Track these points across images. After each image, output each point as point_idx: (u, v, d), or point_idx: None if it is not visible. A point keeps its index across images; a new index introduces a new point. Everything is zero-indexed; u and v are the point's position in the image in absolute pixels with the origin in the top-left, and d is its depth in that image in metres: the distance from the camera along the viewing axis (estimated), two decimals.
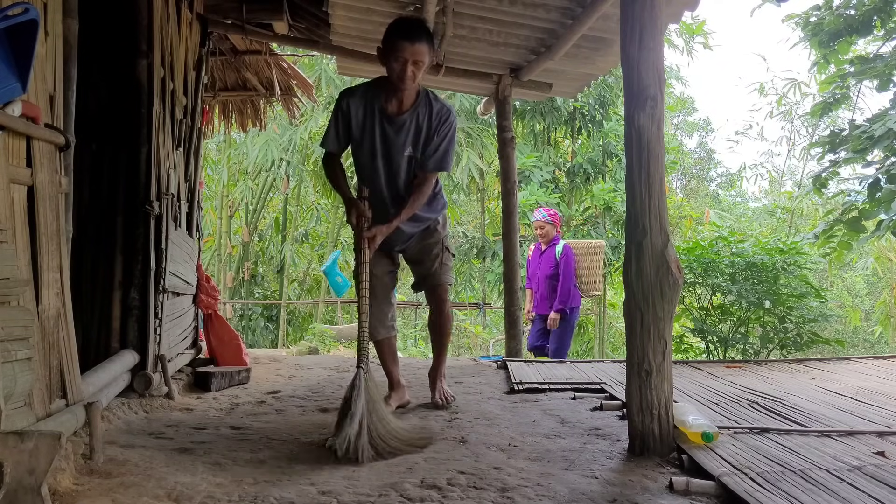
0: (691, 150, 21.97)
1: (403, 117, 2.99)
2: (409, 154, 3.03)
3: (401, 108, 3.00)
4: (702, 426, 2.30)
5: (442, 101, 3.08)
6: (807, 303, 5.85)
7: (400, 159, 3.04)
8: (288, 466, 2.22)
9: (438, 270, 3.30)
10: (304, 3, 4.77)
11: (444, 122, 3.01)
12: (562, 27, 4.24)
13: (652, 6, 2.30)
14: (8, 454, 1.58)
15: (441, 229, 3.34)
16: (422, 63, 2.87)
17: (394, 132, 3.00)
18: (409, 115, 2.99)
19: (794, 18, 7.89)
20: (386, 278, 3.29)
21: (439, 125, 3.00)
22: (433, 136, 3.00)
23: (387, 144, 3.02)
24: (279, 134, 12.90)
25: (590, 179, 12.75)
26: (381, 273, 3.23)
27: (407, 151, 3.03)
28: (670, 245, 2.29)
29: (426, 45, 2.87)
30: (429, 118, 2.99)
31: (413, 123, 3.00)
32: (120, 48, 3.33)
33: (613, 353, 13.64)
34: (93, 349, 3.15)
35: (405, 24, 2.94)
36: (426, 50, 2.87)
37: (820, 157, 7.56)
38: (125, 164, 3.29)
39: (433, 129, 3.00)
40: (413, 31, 2.86)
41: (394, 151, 3.02)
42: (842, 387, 3.61)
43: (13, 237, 1.99)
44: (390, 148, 3.02)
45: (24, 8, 1.90)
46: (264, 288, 14.78)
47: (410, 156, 3.04)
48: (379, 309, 3.21)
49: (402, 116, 2.99)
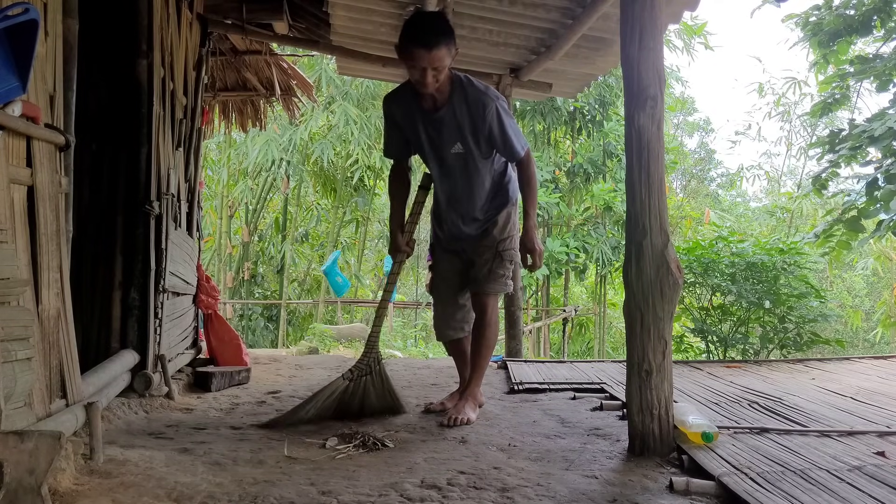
0: (691, 150, 21.98)
1: (440, 114, 2.80)
2: (457, 151, 2.83)
3: (436, 105, 2.80)
4: (702, 426, 2.30)
5: (476, 85, 2.81)
6: (807, 303, 5.85)
7: (449, 158, 2.85)
8: (288, 466, 2.22)
9: (486, 277, 2.99)
10: (304, 3, 4.77)
11: (485, 110, 2.75)
12: (562, 27, 4.24)
13: (652, 6, 2.30)
14: (8, 454, 1.58)
15: (497, 232, 3.02)
16: (442, 67, 2.65)
17: (435, 130, 2.83)
18: (446, 111, 2.79)
19: (794, 18, 7.89)
20: (453, 278, 3.11)
21: (482, 117, 2.76)
22: (483, 128, 2.78)
23: (433, 144, 2.86)
24: (279, 134, 12.91)
25: (590, 179, 12.76)
26: (445, 271, 3.11)
27: (454, 148, 2.82)
28: (670, 245, 2.29)
29: (444, 49, 2.63)
30: (468, 110, 2.76)
31: (453, 118, 2.79)
32: (120, 48, 3.32)
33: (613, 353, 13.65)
34: (93, 349, 3.15)
35: (420, 26, 2.67)
36: (445, 53, 2.63)
37: (819, 158, 7.56)
38: (125, 164, 3.29)
39: (477, 122, 2.77)
40: (429, 35, 2.62)
41: (441, 151, 2.85)
42: (842, 387, 3.61)
43: (13, 237, 1.99)
44: (437, 148, 2.85)
45: (24, 8, 1.90)
46: (264, 288, 14.79)
47: (460, 153, 2.83)
48: (443, 310, 3.11)
49: (440, 113, 2.80)
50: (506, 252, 3.01)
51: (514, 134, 2.82)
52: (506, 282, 3.02)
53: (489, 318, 3.00)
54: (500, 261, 3.00)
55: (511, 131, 2.80)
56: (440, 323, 3.13)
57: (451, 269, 3.11)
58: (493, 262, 2.99)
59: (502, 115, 2.78)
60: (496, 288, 3.00)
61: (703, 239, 6.79)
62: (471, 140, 2.80)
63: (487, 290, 2.99)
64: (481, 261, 3.01)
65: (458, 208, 2.99)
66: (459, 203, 2.97)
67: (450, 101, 2.78)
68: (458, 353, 3.19)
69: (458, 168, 2.87)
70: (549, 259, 12.03)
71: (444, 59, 2.65)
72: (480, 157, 2.85)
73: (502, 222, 3.02)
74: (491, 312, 3.00)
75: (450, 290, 3.11)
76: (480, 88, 2.80)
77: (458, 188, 2.93)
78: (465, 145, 2.81)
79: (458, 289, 3.11)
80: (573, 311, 11.90)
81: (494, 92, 2.83)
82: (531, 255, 2.92)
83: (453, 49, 2.69)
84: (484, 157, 2.86)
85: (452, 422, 2.85)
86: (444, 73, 2.68)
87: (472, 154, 2.83)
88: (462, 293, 3.11)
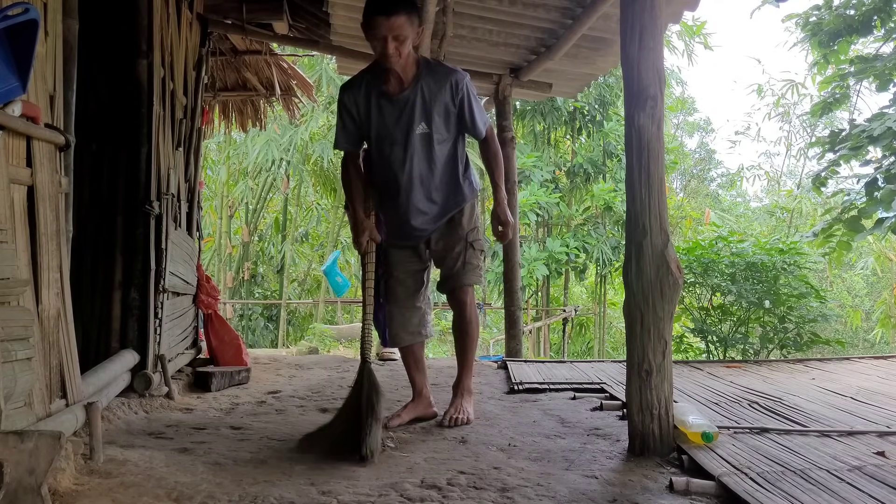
0: (691, 150, 21.99)
1: (406, 94, 2.75)
2: (422, 131, 2.77)
3: (402, 86, 2.76)
4: (702, 426, 2.30)
5: (444, 66, 2.84)
6: (807, 303, 5.85)
7: (413, 139, 2.78)
8: (288, 466, 2.22)
9: (461, 270, 2.93)
10: (304, 3, 4.77)
11: (457, 85, 2.76)
12: (562, 27, 4.24)
13: (652, 6, 2.30)
14: (8, 454, 1.58)
15: (465, 222, 2.96)
16: (403, 36, 2.61)
17: (398, 112, 2.77)
18: (411, 91, 2.75)
19: (794, 18, 7.90)
20: (409, 280, 2.99)
21: (454, 92, 2.76)
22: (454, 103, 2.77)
23: (394, 127, 2.80)
24: (279, 134, 12.91)
25: (590, 179, 12.76)
26: (401, 274, 2.98)
27: (419, 129, 2.77)
28: (670, 245, 2.29)
29: (404, 16, 2.60)
30: (437, 87, 2.75)
31: (419, 98, 2.75)
32: (120, 48, 3.32)
33: (613, 353, 13.65)
34: (93, 349, 3.15)
35: None
36: (404, 21, 2.60)
37: (819, 157, 7.57)
38: (125, 164, 3.29)
39: (446, 98, 2.75)
40: (387, 3, 2.60)
41: (404, 133, 2.78)
42: (842, 387, 3.61)
43: (13, 237, 1.99)
44: (399, 130, 2.79)
45: (24, 8, 1.90)
46: (264, 288, 14.80)
47: (425, 132, 2.77)
48: (401, 314, 2.97)
49: (405, 93, 2.75)
50: (476, 242, 2.97)
51: (479, 111, 2.86)
52: (480, 272, 2.99)
53: (469, 314, 2.95)
54: (472, 251, 2.95)
55: (477, 109, 2.84)
56: (398, 329, 2.97)
57: (407, 270, 2.99)
58: (466, 252, 2.94)
59: (471, 93, 2.81)
60: (473, 279, 2.95)
61: (703, 239, 6.79)
62: (437, 119, 2.77)
63: (465, 281, 2.93)
64: (453, 254, 2.94)
65: (423, 196, 2.87)
66: (422, 185, 2.85)
67: (416, 81, 2.75)
68: (415, 359, 3.03)
69: (424, 150, 2.80)
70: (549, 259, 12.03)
71: (404, 28, 2.61)
72: (444, 137, 2.82)
73: (468, 213, 2.97)
74: (470, 306, 2.96)
75: (406, 293, 2.99)
76: (449, 67, 2.84)
77: (422, 172, 2.83)
78: (429, 125, 2.77)
79: (415, 291, 3.01)
80: (573, 311, 11.90)
81: (462, 70, 2.85)
82: (503, 227, 2.90)
83: (416, 21, 2.67)
84: (446, 138, 2.83)
85: (453, 422, 2.82)
86: (406, 45, 2.65)
87: (435, 134, 2.80)
88: (418, 296, 3.01)
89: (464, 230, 2.95)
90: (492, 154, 2.93)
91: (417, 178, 2.82)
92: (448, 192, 2.90)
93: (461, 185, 2.92)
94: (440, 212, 2.91)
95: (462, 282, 2.94)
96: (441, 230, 2.95)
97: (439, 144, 2.82)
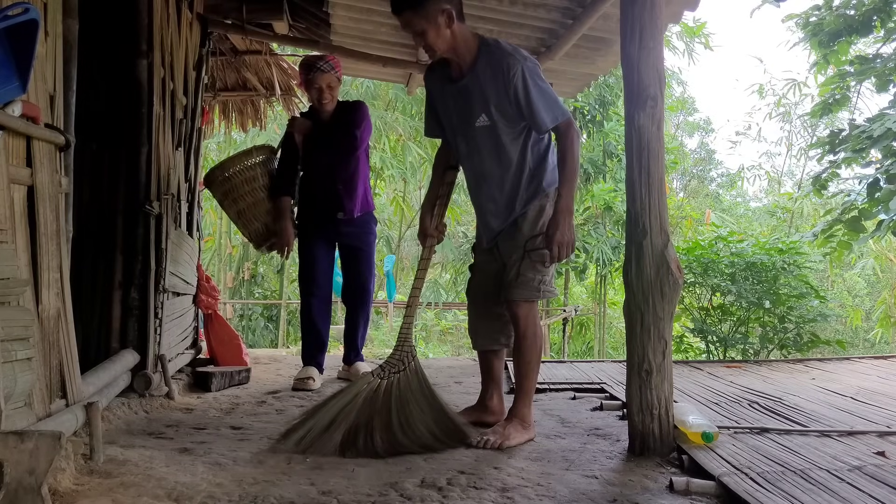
0: (692, 150, 21.98)
1: (464, 81, 2.54)
2: (483, 123, 2.54)
3: (461, 72, 2.56)
4: (702, 426, 2.30)
5: (503, 46, 2.54)
6: (807, 303, 5.85)
7: (472, 132, 2.56)
8: (288, 466, 2.22)
9: (513, 282, 2.59)
10: (304, 3, 4.76)
11: (509, 72, 2.46)
12: (562, 27, 4.23)
13: (652, 6, 2.30)
14: (8, 454, 1.58)
15: (527, 228, 2.60)
16: (419, 29, 2.46)
17: (460, 101, 2.57)
18: (469, 79, 2.53)
19: (794, 18, 7.89)
20: (487, 282, 2.75)
21: (506, 80, 2.46)
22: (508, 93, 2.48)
23: (459, 117, 2.60)
24: (279, 134, 12.89)
25: (590, 179, 12.75)
26: (480, 274, 2.81)
27: (479, 121, 2.53)
28: (670, 245, 2.29)
29: (408, 13, 2.47)
30: (492, 75, 2.50)
31: (476, 86, 2.52)
32: (120, 48, 3.32)
33: (613, 353, 13.64)
34: (93, 349, 3.15)
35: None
36: (411, 17, 2.47)
37: (820, 158, 7.56)
38: (125, 164, 3.29)
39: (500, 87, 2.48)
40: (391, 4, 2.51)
41: (465, 125, 2.58)
42: (842, 387, 3.61)
43: (13, 237, 1.99)
44: (461, 121, 2.59)
45: (24, 8, 1.90)
46: (264, 288, 14.80)
47: (486, 125, 2.53)
48: (475, 317, 2.83)
49: (464, 80, 2.55)
50: (535, 252, 2.58)
51: (543, 101, 2.49)
52: (537, 286, 2.60)
53: (523, 330, 2.60)
54: (528, 262, 2.58)
55: (537, 97, 2.47)
56: (471, 330, 2.86)
57: (485, 271, 2.77)
58: (522, 262, 2.58)
59: (527, 78, 2.46)
60: (523, 294, 2.58)
61: (703, 239, 6.79)
62: (495, 111, 2.51)
63: (513, 296, 2.59)
64: (510, 262, 2.62)
65: (487, 193, 2.66)
66: (489, 187, 2.63)
67: (473, 68, 2.53)
68: (487, 367, 2.83)
69: (486, 145, 2.57)
70: None
71: (413, 23, 2.46)
72: (508, 130, 2.55)
73: (533, 216, 2.61)
74: (525, 323, 2.59)
75: (484, 296, 2.77)
76: (507, 49, 2.52)
77: (485, 168, 2.61)
78: (489, 117, 2.52)
79: (494, 295, 2.72)
80: (573, 311, 11.89)
81: (523, 53, 2.54)
82: (548, 243, 2.54)
83: (426, 11, 2.44)
84: (513, 132, 2.56)
85: (481, 443, 2.44)
86: (429, 35, 2.46)
87: (499, 127, 2.53)
88: (499, 301, 2.73)
89: (524, 237, 2.61)
90: (559, 156, 2.58)
91: (481, 174, 2.63)
92: (513, 191, 2.62)
93: (530, 185, 2.61)
94: (505, 211, 2.65)
95: (511, 295, 2.61)
96: (506, 232, 2.67)
97: (508, 139, 2.56)
